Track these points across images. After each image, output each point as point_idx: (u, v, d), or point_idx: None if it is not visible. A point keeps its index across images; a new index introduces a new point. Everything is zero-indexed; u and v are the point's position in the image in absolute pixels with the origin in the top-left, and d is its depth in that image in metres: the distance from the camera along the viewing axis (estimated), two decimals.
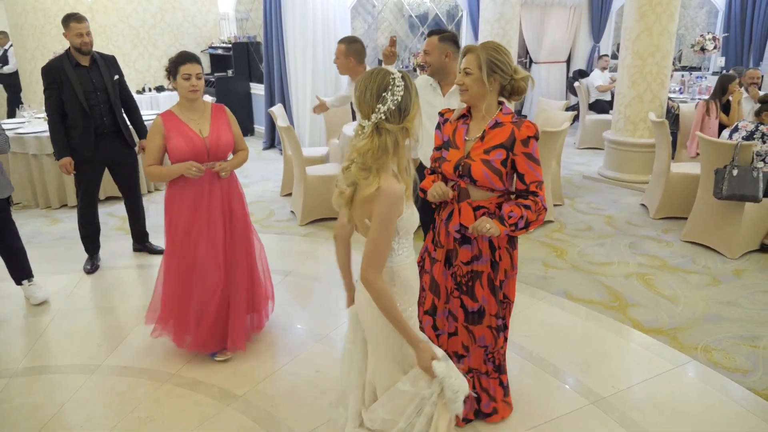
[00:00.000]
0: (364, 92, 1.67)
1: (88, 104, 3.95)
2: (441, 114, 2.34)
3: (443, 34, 3.13)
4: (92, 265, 4.21)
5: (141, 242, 4.54)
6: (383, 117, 1.65)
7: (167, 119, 2.84)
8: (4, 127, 5.55)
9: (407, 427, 1.80)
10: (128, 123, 4.24)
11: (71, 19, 3.84)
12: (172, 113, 2.88)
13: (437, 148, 2.31)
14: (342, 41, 3.93)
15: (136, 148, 4.30)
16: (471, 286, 2.28)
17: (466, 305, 2.30)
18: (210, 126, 2.89)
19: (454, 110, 2.30)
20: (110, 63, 4.13)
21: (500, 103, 2.18)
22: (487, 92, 2.12)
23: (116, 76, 4.13)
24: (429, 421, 1.78)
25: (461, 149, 2.18)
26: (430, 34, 3.17)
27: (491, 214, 2.17)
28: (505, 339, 2.44)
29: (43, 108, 6.36)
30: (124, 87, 4.22)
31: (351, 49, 3.87)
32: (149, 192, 6.19)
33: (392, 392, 1.81)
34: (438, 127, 2.33)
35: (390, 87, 1.65)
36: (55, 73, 3.91)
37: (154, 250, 4.46)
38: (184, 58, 2.80)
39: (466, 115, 2.24)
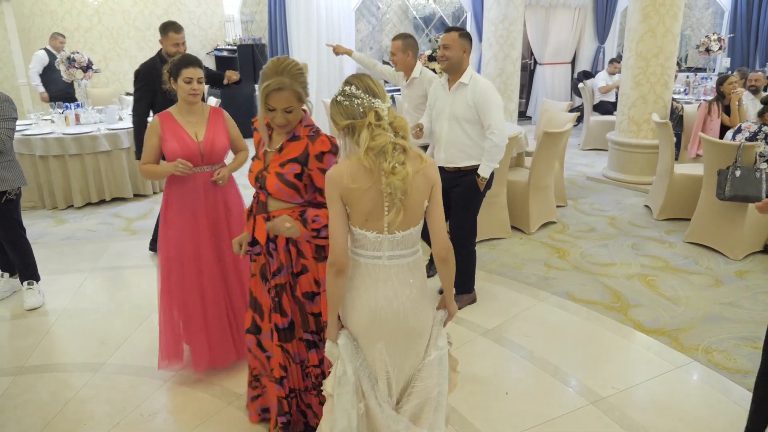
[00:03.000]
0: (375, 86, 1.78)
1: None
2: (252, 122, 2.30)
3: (462, 31, 3.24)
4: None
5: None
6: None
7: (164, 120, 2.80)
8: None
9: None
10: None
11: (170, 29, 3.82)
12: (169, 114, 2.83)
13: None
14: (397, 38, 3.99)
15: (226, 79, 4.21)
16: (279, 301, 2.18)
17: (277, 323, 2.19)
18: (206, 130, 2.83)
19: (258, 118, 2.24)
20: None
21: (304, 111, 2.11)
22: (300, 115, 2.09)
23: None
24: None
25: (262, 160, 2.15)
26: (448, 30, 3.26)
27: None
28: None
29: (50, 110, 6.46)
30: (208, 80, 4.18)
31: (408, 44, 3.95)
32: (154, 193, 6.24)
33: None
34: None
35: None
36: (148, 75, 3.92)
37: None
38: (187, 61, 2.78)
39: (267, 125, 2.16)
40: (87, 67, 6.21)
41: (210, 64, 9.32)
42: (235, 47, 8.78)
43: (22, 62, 8.85)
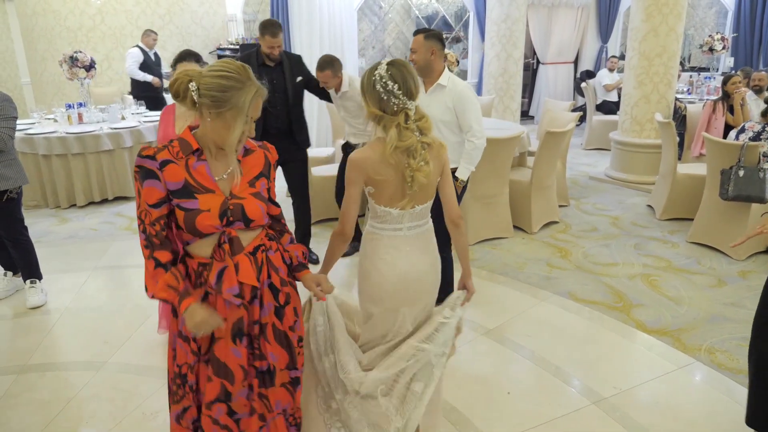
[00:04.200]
0: (415, 88, 1.91)
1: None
2: (150, 157, 1.64)
3: (429, 32, 3.19)
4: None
5: (305, 243, 4.31)
6: None
7: (165, 112, 2.98)
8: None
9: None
10: (306, 124, 4.18)
11: (267, 33, 3.79)
12: (172, 107, 2.98)
13: (155, 205, 1.65)
14: (325, 67, 3.92)
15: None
16: (259, 346, 1.80)
17: (256, 366, 1.81)
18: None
19: (161, 148, 1.68)
20: (295, 64, 4.05)
21: None
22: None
23: (299, 78, 4.04)
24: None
25: (218, 191, 1.68)
26: (416, 33, 3.24)
27: (268, 249, 1.80)
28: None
29: (53, 109, 6.47)
30: (308, 85, 4.13)
31: (337, 67, 3.95)
32: None
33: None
34: (151, 176, 1.64)
35: None
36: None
37: (311, 259, 4.14)
38: (182, 56, 2.93)
39: (198, 150, 1.69)
40: (90, 66, 6.22)
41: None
42: (237, 47, 8.78)
43: (25, 61, 8.86)
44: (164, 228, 1.69)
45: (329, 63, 3.90)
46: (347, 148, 4.28)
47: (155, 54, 7.48)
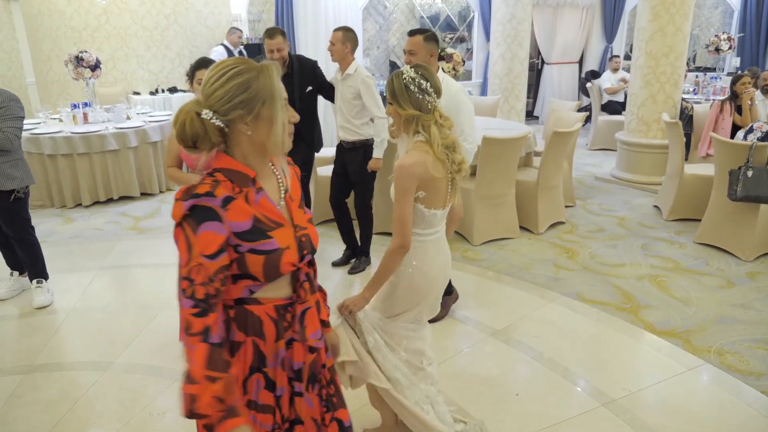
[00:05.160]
0: (441, 86, 1.99)
1: None
2: (209, 195, 1.29)
3: (427, 33, 3.12)
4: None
5: None
6: None
7: None
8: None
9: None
10: (317, 128, 4.16)
11: (266, 35, 3.81)
12: None
13: (214, 255, 1.27)
14: (338, 29, 3.87)
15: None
16: (338, 392, 1.57)
17: (343, 420, 1.57)
18: None
19: (215, 183, 1.32)
20: (307, 71, 3.99)
21: None
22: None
23: (309, 88, 4.01)
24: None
25: (286, 224, 1.40)
26: (412, 33, 3.15)
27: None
28: None
29: (58, 109, 6.48)
30: (320, 91, 4.12)
31: (347, 37, 3.89)
32: (161, 192, 6.26)
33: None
34: (212, 217, 1.28)
35: None
36: None
37: None
38: (200, 63, 2.92)
39: (254, 178, 1.37)
40: (95, 66, 6.22)
41: None
42: (242, 47, 8.78)
43: (30, 61, 8.87)
44: (224, 283, 1.30)
45: (342, 28, 3.88)
46: (341, 150, 4.10)
47: (240, 52, 7.53)
